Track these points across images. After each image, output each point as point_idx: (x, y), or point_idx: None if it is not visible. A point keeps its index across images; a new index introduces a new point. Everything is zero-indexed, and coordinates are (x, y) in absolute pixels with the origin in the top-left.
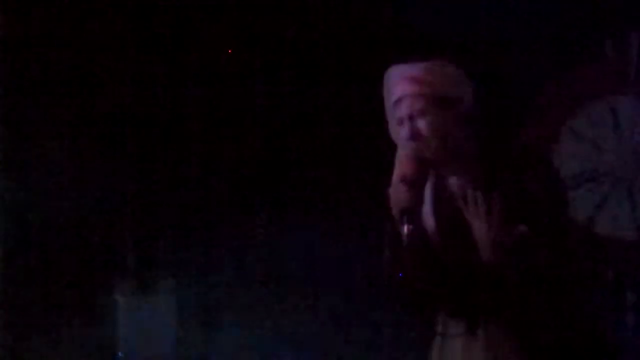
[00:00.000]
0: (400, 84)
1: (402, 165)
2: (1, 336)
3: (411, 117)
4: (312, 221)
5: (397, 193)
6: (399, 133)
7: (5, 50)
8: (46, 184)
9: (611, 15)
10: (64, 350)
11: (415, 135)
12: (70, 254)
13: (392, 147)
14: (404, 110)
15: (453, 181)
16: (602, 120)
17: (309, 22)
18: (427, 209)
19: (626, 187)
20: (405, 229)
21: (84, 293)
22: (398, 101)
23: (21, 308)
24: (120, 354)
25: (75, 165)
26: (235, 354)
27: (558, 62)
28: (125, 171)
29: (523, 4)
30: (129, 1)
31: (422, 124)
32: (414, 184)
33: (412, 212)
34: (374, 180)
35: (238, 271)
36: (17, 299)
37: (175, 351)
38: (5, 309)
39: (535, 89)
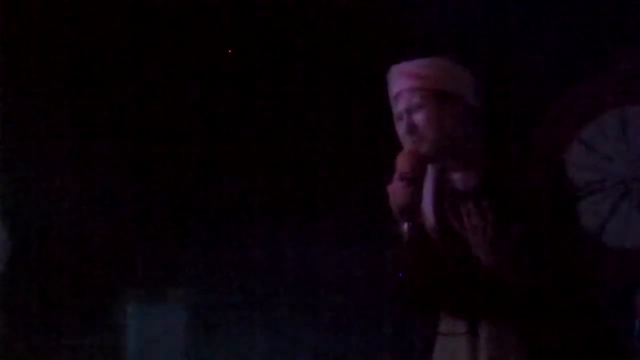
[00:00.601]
0: (398, 80)
1: (400, 161)
2: (6, 343)
3: (408, 111)
4: (322, 230)
5: (395, 190)
6: (399, 129)
7: (5, 50)
8: (49, 186)
9: (622, 25)
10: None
11: (411, 129)
12: (79, 261)
13: (394, 146)
14: (401, 104)
15: (456, 177)
16: (612, 130)
17: (308, 22)
18: (427, 206)
19: (636, 198)
20: (405, 226)
21: (93, 302)
22: (396, 97)
23: (26, 315)
24: None
25: (80, 167)
26: None
27: (568, 72)
28: (132, 175)
29: (534, 14)
30: (129, 1)
31: (418, 118)
32: (412, 181)
33: (411, 210)
34: (374, 181)
35: (248, 280)
36: (21, 305)
37: None
38: (10, 317)
39: (544, 97)
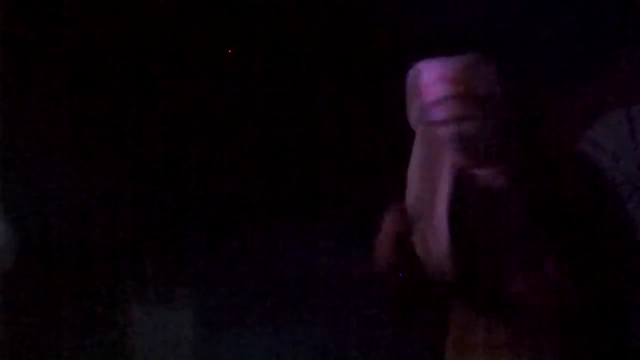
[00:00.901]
0: (434, 85)
1: (387, 219)
2: (6, 343)
3: (452, 121)
4: (323, 230)
5: (380, 247)
6: (438, 134)
7: (5, 50)
8: (50, 186)
9: (628, 24)
10: None
11: (459, 139)
12: (81, 261)
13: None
14: (442, 112)
15: (481, 173)
16: (619, 129)
17: (315, 19)
18: (442, 208)
19: None
20: (391, 281)
21: (96, 301)
22: (433, 104)
23: (26, 315)
24: None
25: (80, 167)
26: None
27: (575, 72)
28: (135, 174)
29: (537, 15)
30: (129, 1)
31: (466, 128)
32: (399, 239)
33: (395, 269)
34: (375, 180)
35: (256, 281)
36: (22, 305)
37: None
38: (10, 317)
39: (547, 96)
